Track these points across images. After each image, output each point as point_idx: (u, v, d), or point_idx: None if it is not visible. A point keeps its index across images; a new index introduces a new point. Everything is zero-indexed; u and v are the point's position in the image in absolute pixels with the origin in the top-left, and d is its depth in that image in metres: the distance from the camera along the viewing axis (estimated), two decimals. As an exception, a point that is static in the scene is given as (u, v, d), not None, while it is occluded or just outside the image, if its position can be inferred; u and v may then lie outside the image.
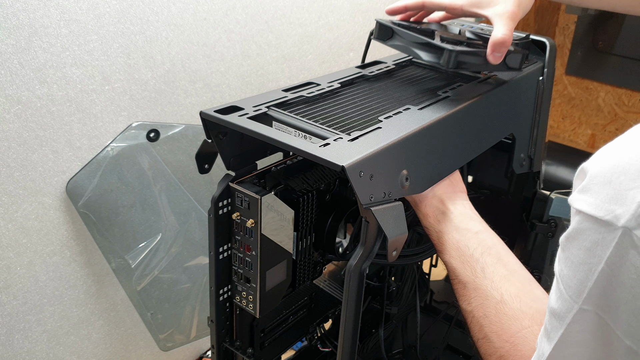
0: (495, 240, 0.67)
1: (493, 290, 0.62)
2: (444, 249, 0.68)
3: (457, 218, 0.69)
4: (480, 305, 0.62)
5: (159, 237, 1.02)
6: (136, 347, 1.15)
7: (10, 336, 0.92)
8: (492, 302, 0.61)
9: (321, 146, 0.57)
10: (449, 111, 0.70)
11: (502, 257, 0.66)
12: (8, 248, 0.87)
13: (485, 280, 0.63)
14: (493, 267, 0.64)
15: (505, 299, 0.61)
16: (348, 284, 0.58)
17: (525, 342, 0.57)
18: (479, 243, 0.66)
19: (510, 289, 0.61)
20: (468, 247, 0.66)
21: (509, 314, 0.59)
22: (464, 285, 0.65)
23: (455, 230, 0.68)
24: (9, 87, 0.79)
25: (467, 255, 0.65)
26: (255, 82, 1.17)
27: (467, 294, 0.64)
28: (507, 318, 0.59)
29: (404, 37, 0.77)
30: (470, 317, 0.64)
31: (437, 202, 0.71)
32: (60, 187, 0.90)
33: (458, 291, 0.66)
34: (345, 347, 0.61)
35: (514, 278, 0.63)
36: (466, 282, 0.64)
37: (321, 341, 0.94)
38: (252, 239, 0.67)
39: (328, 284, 0.88)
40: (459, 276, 0.66)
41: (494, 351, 0.60)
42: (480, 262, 0.64)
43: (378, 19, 0.80)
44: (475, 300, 0.63)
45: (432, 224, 0.70)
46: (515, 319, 0.59)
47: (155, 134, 0.97)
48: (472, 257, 0.65)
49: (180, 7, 0.97)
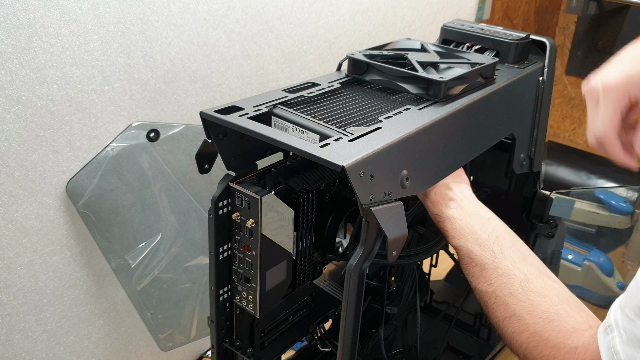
0: (506, 227, 0.69)
1: (515, 270, 0.62)
2: (458, 234, 0.68)
3: (468, 205, 0.70)
4: (504, 284, 0.62)
5: (159, 237, 1.02)
6: (136, 347, 1.15)
7: (10, 336, 0.92)
8: (517, 280, 0.61)
9: (321, 146, 0.57)
10: (449, 111, 0.70)
11: (516, 242, 0.67)
12: (8, 248, 0.87)
13: (505, 261, 0.63)
14: (510, 250, 0.64)
15: (529, 277, 0.61)
16: (348, 284, 0.58)
17: (560, 318, 0.57)
18: (492, 228, 0.67)
19: (531, 269, 0.62)
20: (483, 231, 0.66)
21: (536, 292, 0.60)
22: (483, 267, 0.65)
23: (468, 215, 0.69)
24: (9, 87, 0.79)
25: (484, 238, 0.66)
26: (255, 82, 1.17)
27: (486, 275, 0.64)
28: (535, 295, 0.60)
29: (383, 71, 0.77)
30: (493, 298, 0.63)
31: (446, 190, 0.72)
32: (60, 187, 0.90)
33: (475, 274, 0.66)
34: (345, 347, 0.61)
35: (530, 261, 0.64)
36: (485, 264, 0.64)
37: (321, 341, 0.94)
38: (252, 239, 0.67)
39: (328, 284, 0.88)
40: (476, 258, 0.66)
41: (525, 328, 0.59)
42: (497, 244, 0.65)
43: (350, 54, 0.79)
44: (497, 280, 0.63)
45: (442, 210, 0.70)
46: (544, 296, 0.59)
47: (155, 134, 0.97)
48: (489, 240, 0.66)
49: (180, 7, 0.97)
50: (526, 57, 0.94)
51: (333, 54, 1.35)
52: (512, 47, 0.90)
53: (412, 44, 0.85)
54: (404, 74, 0.75)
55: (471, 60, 0.79)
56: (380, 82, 0.77)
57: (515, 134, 0.89)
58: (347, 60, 0.80)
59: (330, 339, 0.94)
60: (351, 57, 0.79)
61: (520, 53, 0.91)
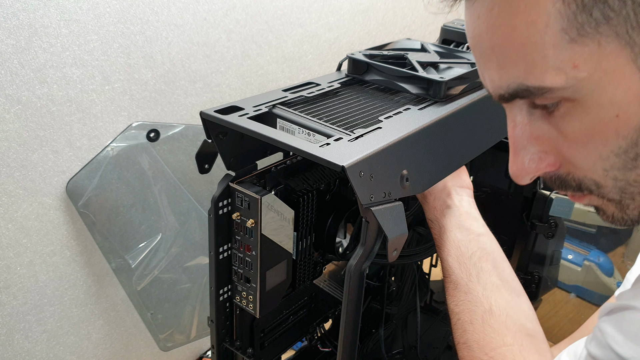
0: (494, 246, 0.67)
1: (483, 299, 0.62)
2: (443, 246, 0.68)
3: (462, 216, 0.69)
4: (468, 310, 0.63)
5: (159, 237, 1.02)
6: (136, 347, 1.15)
7: (10, 336, 0.92)
8: (481, 310, 0.61)
9: (321, 146, 0.57)
10: (449, 111, 0.70)
11: (498, 264, 0.66)
12: (8, 248, 0.87)
13: (477, 286, 0.63)
14: (488, 274, 0.64)
15: (494, 310, 0.61)
16: (348, 284, 0.58)
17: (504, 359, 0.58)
18: (478, 246, 0.66)
19: (500, 300, 0.62)
20: (468, 249, 0.66)
21: (494, 327, 0.60)
22: (456, 285, 0.65)
23: (458, 228, 0.68)
24: (9, 87, 0.79)
25: (466, 257, 0.65)
26: (255, 82, 1.17)
27: (457, 295, 0.64)
28: (492, 330, 0.60)
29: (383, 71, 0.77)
30: (455, 319, 0.64)
31: (446, 196, 0.71)
32: (60, 187, 0.90)
33: (449, 290, 0.66)
34: (345, 347, 0.61)
35: (505, 289, 0.63)
36: (458, 284, 0.65)
37: (321, 341, 0.94)
38: (252, 239, 0.67)
39: (328, 284, 0.88)
40: (452, 275, 0.66)
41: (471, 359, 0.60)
42: (477, 266, 0.64)
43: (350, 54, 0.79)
44: (464, 304, 0.63)
45: (437, 217, 0.70)
46: (499, 333, 0.59)
47: (155, 134, 0.97)
48: (469, 260, 0.65)
49: (180, 7, 0.98)
50: None
51: (333, 54, 1.35)
52: (512, 47, 0.90)
53: (412, 44, 0.85)
54: (404, 74, 0.75)
55: (471, 60, 0.79)
56: (380, 82, 0.77)
57: (515, 134, 0.89)
58: (347, 60, 0.80)
59: (330, 339, 0.94)
60: (351, 57, 0.79)
61: (520, 53, 0.91)
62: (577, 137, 0.41)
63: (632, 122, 0.38)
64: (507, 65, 0.40)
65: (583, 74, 0.37)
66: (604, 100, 0.38)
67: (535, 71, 0.38)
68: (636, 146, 0.39)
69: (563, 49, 0.37)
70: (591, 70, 0.37)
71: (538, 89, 0.39)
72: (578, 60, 0.37)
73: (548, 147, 0.44)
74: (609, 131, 0.39)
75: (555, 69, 0.37)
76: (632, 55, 0.36)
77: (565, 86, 0.38)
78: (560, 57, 0.37)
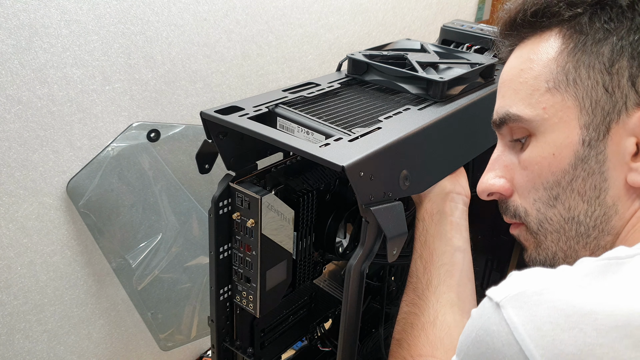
0: (466, 264, 0.69)
1: (432, 309, 0.64)
2: (418, 247, 0.70)
3: (447, 225, 0.69)
4: (414, 314, 0.65)
5: (160, 237, 1.02)
6: (136, 347, 1.15)
7: (10, 336, 0.92)
8: (425, 319, 0.64)
9: (321, 146, 0.57)
10: (449, 111, 0.70)
11: (462, 283, 0.67)
12: (9, 248, 0.87)
13: (432, 296, 0.65)
14: (447, 289, 0.65)
15: (437, 323, 0.63)
16: (348, 283, 0.58)
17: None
18: (450, 260, 0.67)
19: (448, 317, 0.63)
20: (439, 259, 0.67)
21: (430, 338, 0.62)
22: (414, 288, 0.67)
23: (439, 237, 0.69)
24: (9, 87, 0.79)
25: (434, 266, 0.67)
26: (255, 83, 1.17)
27: (411, 297, 0.67)
28: (426, 340, 0.62)
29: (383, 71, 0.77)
30: (400, 317, 0.66)
31: (441, 200, 0.71)
32: (61, 187, 0.90)
33: (407, 289, 0.68)
34: (345, 347, 0.62)
35: (458, 307, 0.65)
36: (416, 287, 0.67)
37: (321, 341, 0.94)
38: (252, 238, 0.67)
39: (328, 283, 0.88)
40: (413, 278, 0.68)
41: (396, 356, 0.63)
42: (440, 278, 0.66)
43: (350, 55, 0.79)
44: (413, 306, 0.66)
45: (425, 219, 0.70)
46: (432, 345, 0.61)
47: (155, 134, 0.97)
48: (436, 270, 0.67)
49: (181, 8, 0.98)
50: None
51: (333, 54, 1.35)
52: (511, 47, 0.90)
53: (412, 44, 0.85)
54: (404, 74, 0.75)
55: (471, 61, 0.80)
56: (380, 83, 0.77)
57: (515, 134, 0.89)
58: (347, 61, 0.80)
59: (330, 339, 0.94)
60: (351, 58, 0.79)
61: (520, 53, 0.91)
62: (525, 164, 0.53)
63: (561, 164, 0.50)
64: (505, 96, 0.55)
65: (546, 116, 0.50)
66: (549, 139, 0.50)
67: (518, 104, 0.52)
68: (558, 186, 0.51)
69: (540, 94, 0.51)
70: (552, 114, 0.50)
71: (515, 116, 0.53)
72: (546, 104, 0.50)
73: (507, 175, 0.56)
74: (544, 164, 0.51)
75: (530, 106, 0.51)
76: (578, 115, 0.49)
77: (532, 120, 0.51)
78: (536, 99, 0.51)
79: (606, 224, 0.49)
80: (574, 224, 0.51)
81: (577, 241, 0.51)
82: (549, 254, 0.54)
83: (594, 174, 0.49)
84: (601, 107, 0.48)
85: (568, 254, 0.52)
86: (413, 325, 0.64)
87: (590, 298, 0.37)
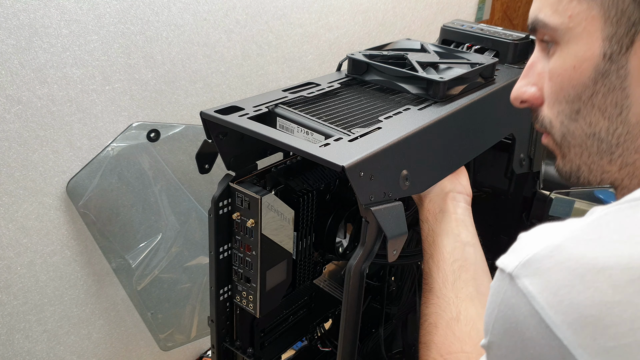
0: (478, 258, 0.68)
1: (453, 305, 0.63)
2: (428, 248, 0.69)
3: (453, 222, 0.69)
4: (436, 314, 0.64)
5: (159, 237, 1.02)
6: (136, 347, 1.15)
7: (10, 336, 0.92)
8: (447, 317, 0.63)
9: (321, 146, 0.57)
10: (449, 111, 0.70)
11: (478, 277, 0.66)
12: (8, 248, 0.87)
13: (450, 293, 0.64)
14: (464, 284, 0.65)
15: (461, 318, 0.62)
16: (348, 284, 0.58)
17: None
18: (462, 255, 0.67)
19: (470, 311, 0.63)
20: (451, 255, 0.67)
21: (456, 334, 0.61)
22: (431, 289, 0.66)
23: (446, 233, 0.69)
24: (9, 87, 0.79)
25: (447, 263, 0.66)
26: (255, 82, 1.17)
27: (429, 298, 0.66)
28: (453, 336, 0.61)
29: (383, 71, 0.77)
30: (423, 320, 0.65)
31: (441, 200, 0.71)
32: (61, 187, 0.90)
33: (424, 292, 0.67)
34: (345, 347, 0.62)
35: (479, 301, 0.64)
36: (433, 287, 0.66)
37: (321, 341, 0.94)
38: (252, 239, 0.67)
39: (328, 284, 0.88)
40: (429, 279, 0.67)
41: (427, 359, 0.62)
42: (455, 274, 0.65)
43: (350, 55, 0.79)
44: (434, 306, 0.65)
45: (429, 219, 0.70)
46: (460, 340, 0.61)
47: (155, 134, 0.97)
48: (449, 267, 0.66)
49: (181, 8, 0.98)
50: (526, 57, 0.94)
51: (333, 54, 1.35)
52: (511, 47, 0.90)
53: (412, 44, 0.85)
54: (404, 74, 0.75)
55: (471, 61, 0.80)
56: (380, 82, 0.77)
57: (515, 134, 0.89)
58: (347, 61, 0.80)
59: (330, 339, 0.94)
60: (351, 57, 0.79)
61: (520, 53, 0.91)
62: (551, 75, 0.52)
63: (582, 78, 0.48)
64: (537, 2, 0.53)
65: (571, 24, 0.48)
66: (572, 50, 0.49)
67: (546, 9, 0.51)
68: (579, 100, 0.49)
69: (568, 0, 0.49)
70: (576, 23, 0.48)
71: (542, 22, 0.51)
72: (572, 11, 0.48)
73: (539, 83, 0.54)
74: (565, 77, 0.50)
75: (557, 13, 0.49)
76: (602, 26, 0.46)
77: (558, 28, 0.50)
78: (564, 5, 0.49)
79: (631, 142, 0.47)
80: (596, 141, 0.49)
81: (601, 157, 0.50)
82: (573, 167, 0.53)
83: (615, 90, 0.47)
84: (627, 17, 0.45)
85: (592, 168, 0.51)
86: (437, 325, 0.63)
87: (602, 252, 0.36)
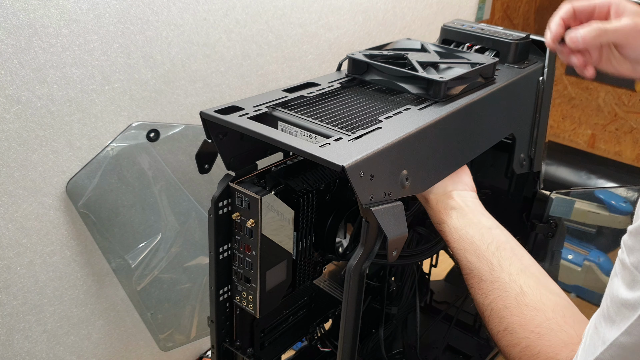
0: (508, 236, 0.68)
1: (512, 283, 0.62)
2: (458, 245, 0.68)
3: (470, 213, 0.69)
4: (500, 297, 0.62)
5: (159, 237, 1.02)
6: (136, 347, 1.15)
7: (10, 336, 0.92)
8: (512, 294, 0.61)
9: (321, 146, 0.57)
10: (449, 111, 0.70)
11: (517, 252, 0.66)
12: (8, 248, 0.87)
13: (502, 273, 0.63)
14: (509, 261, 0.64)
15: (525, 290, 0.61)
16: (348, 284, 0.58)
17: (552, 332, 0.57)
18: (492, 238, 0.67)
19: (529, 281, 0.62)
20: (483, 242, 0.66)
21: (531, 305, 0.60)
22: (480, 279, 0.65)
23: (468, 225, 0.68)
24: (9, 87, 0.79)
25: (483, 249, 0.66)
26: (255, 82, 1.17)
27: (483, 287, 0.64)
28: (529, 309, 0.59)
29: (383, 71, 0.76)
30: (488, 310, 0.63)
31: (447, 198, 0.71)
32: (60, 187, 0.90)
33: (473, 285, 0.66)
34: (345, 347, 0.62)
35: (530, 271, 0.64)
36: (482, 276, 0.65)
37: (321, 341, 0.94)
38: (252, 239, 0.67)
39: (328, 284, 0.88)
40: (474, 270, 0.66)
41: (517, 342, 0.59)
42: (496, 255, 0.65)
43: (350, 54, 0.79)
44: (493, 292, 0.63)
45: (443, 219, 0.70)
46: (538, 310, 0.59)
47: (155, 134, 0.97)
48: (487, 251, 0.65)
49: (180, 7, 0.98)
50: (526, 57, 0.94)
51: (333, 54, 1.35)
52: (512, 47, 0.90)
53: (412, 44, 0.85)
54: (404, 74, 0.75)
55: (471, 60, 0.80)
56: (380, 82, 0.77)
57: (515, 134, 0.89)
58: (347, 60, 0.80)
59: (330, 339, 0.94)
60: (351, 57, 0.79)
61: (520, 53, 0.91)
62: None
63: None
64: None
65: None
66: None
67: None
68: None
69: None
70: None
71: None
72: None
73: None
74: None
75: None
76: None
77: None
78: None
79: None
80: None
81: None
82: None
83: None
84: None
85: None
86: (507, 307, 0.61)
87: None
